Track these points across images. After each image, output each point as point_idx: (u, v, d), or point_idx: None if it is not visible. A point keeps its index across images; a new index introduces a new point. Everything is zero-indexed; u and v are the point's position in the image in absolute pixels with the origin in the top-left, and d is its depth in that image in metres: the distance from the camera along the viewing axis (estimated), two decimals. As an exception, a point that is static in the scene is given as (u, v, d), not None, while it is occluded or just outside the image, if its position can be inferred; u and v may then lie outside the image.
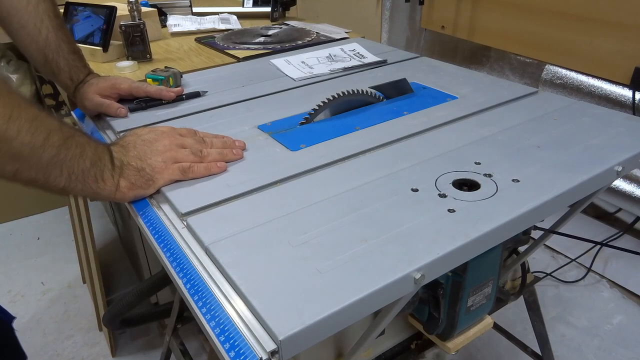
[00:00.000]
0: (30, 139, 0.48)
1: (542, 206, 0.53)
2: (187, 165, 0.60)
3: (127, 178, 0.57)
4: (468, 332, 0.67)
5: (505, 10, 1.56)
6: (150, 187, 0.58)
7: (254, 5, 1.54)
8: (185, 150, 0.61)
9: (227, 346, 0.40)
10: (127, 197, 0.58)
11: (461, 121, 0.74)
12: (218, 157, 0.63)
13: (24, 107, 0.48)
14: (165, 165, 0.59)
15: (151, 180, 0.58)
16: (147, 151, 0.59)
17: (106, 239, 1.80)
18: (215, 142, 0.65)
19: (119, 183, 0.56)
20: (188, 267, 0.49)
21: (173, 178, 0.59)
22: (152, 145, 0.60)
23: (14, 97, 0.47)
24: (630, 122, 0.70)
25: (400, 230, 0.49)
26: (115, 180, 0.56)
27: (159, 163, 0.59)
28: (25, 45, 0.78)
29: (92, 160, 0.54)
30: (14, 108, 0.47)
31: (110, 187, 0.56)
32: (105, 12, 1.11)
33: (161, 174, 0.59)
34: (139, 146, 0.60)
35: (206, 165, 0.61)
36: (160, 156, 0.59)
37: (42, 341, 1.39)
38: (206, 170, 0.61)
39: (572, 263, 1.56)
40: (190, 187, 0.59)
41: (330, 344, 0.62)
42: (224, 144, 0.66)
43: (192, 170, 0.60)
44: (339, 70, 0.99)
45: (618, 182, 1.39)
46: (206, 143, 0.64)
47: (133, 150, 0.59)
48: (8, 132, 0.46)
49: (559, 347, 1.28)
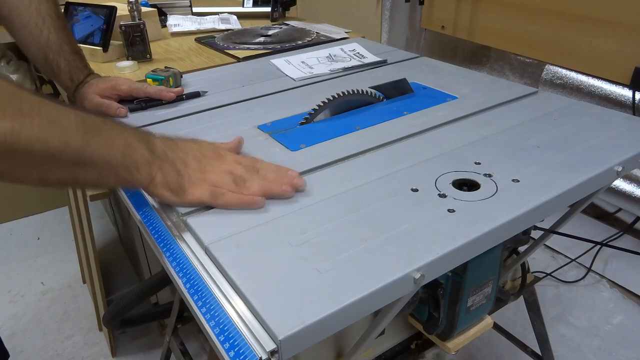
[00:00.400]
0: (45, 146, 0.44)
1: (542, 206, 0.53)
2: (222, 191, 0.54)
3: (164, 173, 0.53)
4: (468, 332, 0.67)
5: (505, 10, 1.56)
6: (177, 196, 0.54)
7: (254, 5, 1.54)
8: (230, 176, 0.56)
9: (226, 346, 0.40)
10: (158, 192, 0.54)
11: (461, 121, 0.74)
12: (259, 191, 0.55)
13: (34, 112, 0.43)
14: (201, 182, 0.54)
15: (183, 190, 0.54)
16: (194, 162, 0.55)
17: (106, 239, 1.80)
18: (269, 174, 0.57)
19: (155, 175, 0.53)
20: (188, 267, 0.49)
21: (202, 199, 0.54)
22: (202, 159, 0.56)
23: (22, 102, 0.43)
24: (630, 122, 0.70)
25: (400, 230, 0.49)
26: (152, 172, 0.52)
27: (197, 177, 0.55)
28: (26, 45, 0.78)
29: (124, 153, 0.50)
30: (21, 117, 0.42)
31: (145, 178, 0.52)
32: (105, 12, 1.11)
33: (193, 189, 0.54)
34: (190, 153, 0.56)
35: (240, 197, 0.54)
36: (202, 173, 0.55)
37: (42, 341, 1.39)
38: (238, 202, 0.54)
39: (572, 263, 1.56)
40: (190, 187, 0.59)
41: (330, 344, 0.62)
42: (278, 177, 0.57)
43: (224, 198, 0.54)
44: (339, 70, 0.99)
45: (618, 182, 1.39)
46: (258, 174, 0.57)
47: (182, 152, 0.55)
48: (18, 145, 0.42)
49: (559, 347, 1.28)
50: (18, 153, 0.42)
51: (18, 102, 0.43)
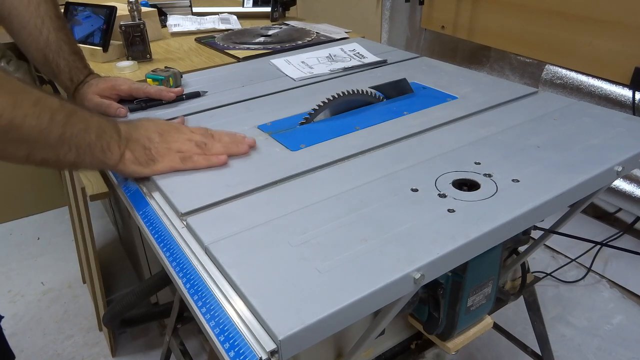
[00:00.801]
0: (37, 122, 0.49)
1: (542, 206, 0.53)
2: (188, 155, 0.62)
3: (132, 151, 0.60)
4: (468, 332, 0.67)
5: (505, 10, 1.56)
6: (149, 167, 0.61)
7: (254, 5, 1.54)
8: (191, 142, 0.63)
9: (226, 346, 0.40)
10: (128, 169, 0.60)
11: (461, 121, 0.74)
12: (222, 150, 0.64)
13: (26, 92, 0.49)
14: (168, 151, 0.62)
15: (152, 160, 0.61)
16: (156, 136, 0.62)
17: (106, 239, 1.80)
18: (224, 137, 0.66)
19: (124, 154, 0.59)
20: (188, 267, 0.49)
21: (173, 165, 0.61)
22: (163, 133, 0.63)
23: (14, 84, 0.49)
24: (630, 122, 0.70)
25: (400, 230, 0.49)
26: (121, 151, 0.59)
27: (163, 148, 0.62)
28: (25, 46, 0.78)
29: (97, 133, 0.56)
30: (17, 95, 0.48)
31: (116, 156, 0.58)
32: (105, 12, 1.11)
33: (162, 157, 0.61)
34: (151, 130, 0.63)
35: (207, 157, 0.62)
36: (167, 144, 0.62)
37: (42, 341, 1.40)
38: (206, 161, 0.62)
39: (572, 263, 1.56)
40: (190, 187, 0.59)
41: (330, 344, 0.62)
42: (232, 139, 0.67)
43: (192, 160, 0.62)
44: (339, 70, 0.99)
45: (618, 182, 1.39)
46: (214, 138, 0.66)
47: (143, 131, 0.62)
48: (15, 119, 0.48)
49: (559, 347, 1.28)
50: (13, 127, 0.48)
51: (8, 85, 0.48)
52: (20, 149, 0.50)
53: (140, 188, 0.63)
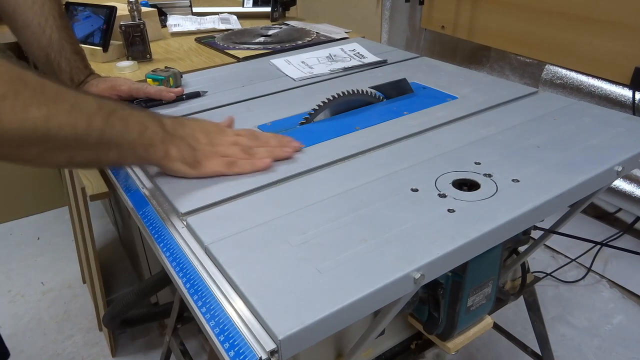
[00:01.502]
0: (73, 130, 0.47)
1: (542, 206, 0.53)
2: (233, 160, 0.61)
3: (178, 147, 0.58)
4: (468, 332, 0.67)
5: (505, 10, 1.56)
6: (195, 169, 0.59)
7: (254, 5, 1.54)
8: (237, 147, 0.62)
9: (226, 346, 0.40)
10: (173, 167, 0.58)
11: (461, 121, 0.74)
12: (266, 154, 0.63)
13: (60, 99, 0.47)
14: (214, 155, 0.60)
15: (198, 162, 0.59)
16: (203, 137, 0.61)
17: (106, 239, 1.80)
18: (270, 141, 0.65)
19: (168, 149, 0.57)
20: (188, 267, 0.49)
21: (218, 169, 0.60)
22: (209, 134, 0.62)
23: (47, 92, 0.46)
24: (630, 122, 0.70)
25: (400, 230, 0.49)
26: (165, 146, 0.57)
27: (210, 151, 0.60)
28: (28, 44, 0.78)
29: (139, 130, 0.54)
30: (50, 105, 0.46)
31: (160, 152, 0.57)
32: (105, 12, 1.11)
33: (209, 160, 0.60)
34: (197, 130, 0.61)
35: (252, 162, 0.61)
36: (213, 147, 0.61)
37: (42, 341, 1.40)
38: (251, 167, 0.61)
39: (572, 263, 1.56)
40: (190, 187, 0.59)
41: (330, 344, 0.62)
42: (279, 143, 0.65)
43: (237, 165, 0.60)
44: (339, 70, 0.99)
45: (618, 182, 1.39)
46: (259, 141, 0.65)
47: (189, 129, 0.60)
48: (50, 131, 0.46)
49: (559, 347, 1.28)
50: (50, 138, 0.46)
51: (45, 91, 0.46)
52: (61, 156, 0.48)
53: (140, 188, 0.63)
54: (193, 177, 0.60)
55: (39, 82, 0.45)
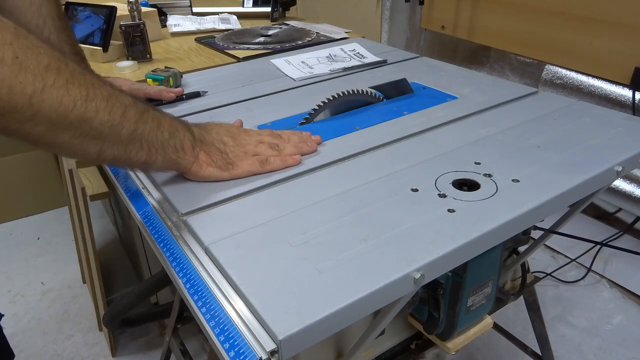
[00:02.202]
0: (109, 117, 0.47)
1: (542, 206, 0.53)
2: (265, 157, 0.61)
3: (208, 153, 0.58)
4: (468, 332, 0.67)
5: (505, 10, 1.56)
6: (228, 171, 0.59)
7: (254, 5, 1.54)
8: (264, 144, 0.63)
9: (226, 346, 0.40)
10: (204, 171, 0.58)
11: (461, 121, 0.74)
12: (294, 150, 0.64)
13: (98, 85, 0.47)
14: (245, 155, 0.61)
15: (231, 164, 0.59)
16: (230, 140, 0.61)
17: (106, 239, 1.80)
18: (292, 137, 0.66)
19: (198, 155, 0.57)
20: (188, 267, 0.49)
21: (252, 169, 0.60)
22: (234, 136, 0.62)
23: (87, 76, 0.46)
24: (630, 122, 0.70)
25: (400, 230, 0.49)
26: (196, 152, 0.57)
27: (240, 152, 0.61)
28: None
29: (170, 131, 0.54)
30: (89, 88, 0.46)
31: (190, 157, 0.56)
32: (105, 12, 1.11)
33: (241, 161, 0.60)
34: (222, 133, 0.62)
35: (282, 158, 0.62)
36: (242, 147, 0.61)
37: (42, 341, 1.39)
38: (283, 163, 0.62)
39: (572, 263, 1.56)
40: (190, 187, 0.59)
41: (330, 344, 0.62)
42: (300, 139, 0.66)
43: (270, 163, 0.61)
44: (339, 70, 0.99)
45: (618, 182, 1.39)
46: (283, 138, 0.65)
47: (216, 135, 0.61)
48: (87, 112, 0.45)
49: (559, 347, 1.28)
50: (85, 121, 0.45)
51: (85, 75, 0.46)
52: (92, 145, 0.47)
53: (140, 188, 0.63)
54: (226, 179, 0.59)
55: (77, 68, 0.45)
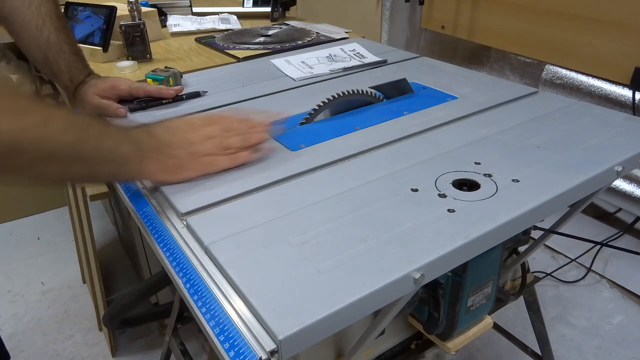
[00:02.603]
0: (72, 136, 0.48)
1: (542, 206, 0.53)
2: (212, 159, 0.60)
3: (155, 160, 0.58)
4: (468, 332, 0.67)
5: (505, 10, 1.56)
6: (177, 175, 0.59)
7: (254, 5, 1.54)
8: (211, 142, 0.61)
9: (226, 346, 0.40)
10: (157, 178, 0.59)
11: (461, 121, 0.74)
12: (241, 143, 0.63)
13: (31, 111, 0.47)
14: (193, 157, 0.60)
15: (181, 168, 0.59)
16: (177, 140, 0.60)
17: (106, 239, 1.80)
18: (241, 126, 0.64)
19: (144, 165, 0.57)
20: (188, 267, 0.49)
21: (202, 170, 0.60)
22: (181, 134, 0.61)
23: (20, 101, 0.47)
24: (630, 122, 0.70)
25: (399, 230, 0.49)
26: (139, 162, 0.57)
27: (188, 153, 0.60)
28: (26, 46, 0.78)
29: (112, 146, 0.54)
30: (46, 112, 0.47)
31: (134, 168, 0.56)
32: (105, 12, 1.11)
33: (189, 165, 0.60)
34: (168, 135, 0.61)
35: (232, 157, 0.61)
36: (190, 147, 0.60)
37: (42, 341, 1.39)
38: (230, 162, 0.61)
39: (572, 263, 1.56)
40: (190, 187, 0.59)
41: (330, 344, 0.62)
42: (248, 127, 0.65)
43: (216, 164, 0.60)
44: (339, 70, 0.99)
45: (618, 182, 1.39)
46: (231, 129, 0.64)
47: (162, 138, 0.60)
48: (47, 134, 0.46)
49: (559, 347, 1.28)
50: (18, 151, 0.45)
51: (16, 103, 0.46)
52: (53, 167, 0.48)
53: (140, 188, 0.63)
54: (176, 183, 0.59)
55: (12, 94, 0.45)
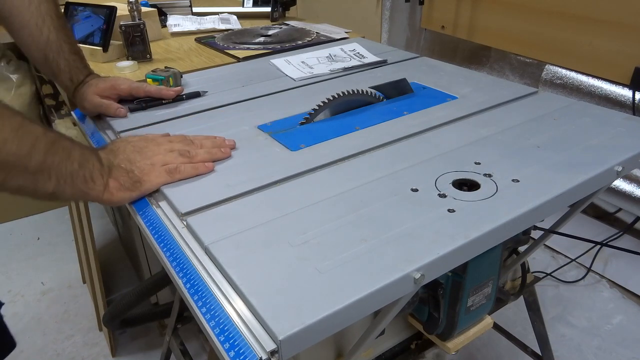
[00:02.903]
0: (16, 148, 0.48)
1: (542, 206, 0.53)
2: (174, 166, 0.60)
3: (116, 179, 0.57)
4: (468, 332, 0.67)
5: (505, 10, 1.56)
6: (137, 190, 0.58)
7: (254, 5, 1.54)
8: (173, 152, 0.61)
9: (226, 346, 0.40)
10: (115, 198, 0.57)
11: (461, 121, 0.74)
12: (206, 156, 0.63)
13: (7, 116, 0.48)
14: (152, 167, 0.59)
15: (139, 182, 0.58)
16: (136, 155, 0.60)
17: (106, 239, 1.80)
18: (205, 142, 0.66)
19: (107, 183, 0.57)
20: (188, 267, 0.49)
21: (161, 181, 0.59)
22: (141, 150, 0.61)
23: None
24: (630, 122, 0.70)
25: (400, 230, 0.49)
26: (105, 180, 0.56)
27: (147, 165, 0.59)
28: (26, 45, 0.78)
29: (80, 162, 0.54)
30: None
31: (99, 187, 0.56)
32: (105, 12, 1.11)
33: (149, 175, 0.59)
34: (128, 151, 0.61)
35: (194, 165, 0.61)
36: (149, 160, 0.60)
37: (42, 341, 1.39)
38: (194, 170, 0.61)
39: (572, 263, 1.56)
40: (190, 187, 0.59)
41: (330, 344, 0.62)
42: (214, 144, 0.66)
43: (179, 171, 0.60)
44: (339, 70, 0.99)
45: (618, 182, 1.39)
46: (195, 144, 0.65)
47: (122, 154, 0.60)
48: None
49: (559, 347, 1.28)
50: None
51: None
52: None
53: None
54: (137, 198, 0.59)
55: None
